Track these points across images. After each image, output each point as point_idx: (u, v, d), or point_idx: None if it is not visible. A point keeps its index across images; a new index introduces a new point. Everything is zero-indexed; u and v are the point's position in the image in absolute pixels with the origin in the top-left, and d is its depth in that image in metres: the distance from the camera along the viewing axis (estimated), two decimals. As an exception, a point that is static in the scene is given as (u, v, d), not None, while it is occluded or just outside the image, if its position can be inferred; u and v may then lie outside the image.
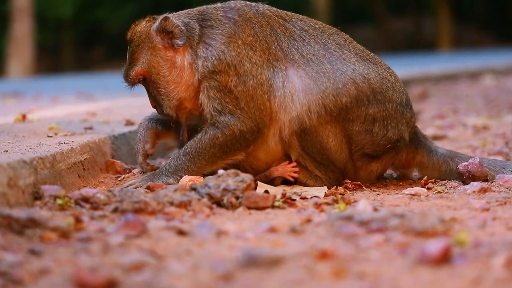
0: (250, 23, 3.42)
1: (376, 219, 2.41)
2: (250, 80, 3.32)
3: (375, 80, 3.38)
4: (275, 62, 3.37)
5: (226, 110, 3.32)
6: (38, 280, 1.92)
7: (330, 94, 3.31)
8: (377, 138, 3.40)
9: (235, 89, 3.32)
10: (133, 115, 5.09)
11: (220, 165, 3.35)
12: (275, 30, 3.44)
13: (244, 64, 3.34)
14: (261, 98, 3.32)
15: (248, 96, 3.32)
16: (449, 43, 29.65)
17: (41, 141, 3.55)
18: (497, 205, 2.85)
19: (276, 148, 3.40)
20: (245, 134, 3.32)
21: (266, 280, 1.89)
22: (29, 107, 6.46)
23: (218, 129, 3.33)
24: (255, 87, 3.32)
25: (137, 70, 3.46)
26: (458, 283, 1.83)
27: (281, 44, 3.41)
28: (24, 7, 22.21)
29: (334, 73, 3.34)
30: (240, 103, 3.32)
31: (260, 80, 3.33)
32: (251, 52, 3.36)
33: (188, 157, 3.35)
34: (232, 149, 3.35)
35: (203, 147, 3.34)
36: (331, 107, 3.31)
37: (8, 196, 2.65)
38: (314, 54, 3.39)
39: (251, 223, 2.64)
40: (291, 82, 3.33)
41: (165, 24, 3.40)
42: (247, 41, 3.38)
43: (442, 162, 3.59)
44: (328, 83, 3.32)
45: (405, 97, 3.48)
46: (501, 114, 7.01)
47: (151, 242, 2.33)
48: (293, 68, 3.36)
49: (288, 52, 3.40)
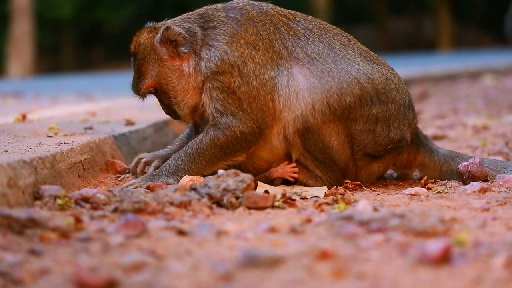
0: (253, 22, 3.42)
1: (376, 219, 2.41)
2: (253, 80, 3.32)
3: (379, 80, 3.38)
4: (279, 60, 3.36)
5: (228, 111, 3.32)
6: (38, 280, 1.92)
7: (334, 93, 3.31)
8: (379, 138, 3.40)
9: (238, 90, 3.32)
10: (133, 115, 5.09)
11: (220, 166, 3.35)
12: (278, 28, 3.43)
13: (248, 64, 3.33)
14: (264, 99, 3.32)
15: (251, 97, 3.31)
16: (449, 43, 29.65)
17: (41, 141, 3.55)
18: (497, 205, 2.85)
19: (279, 147, 3.40)
20: (247, 136, 3.32)
21: (266, 280, 1.89)
22: (29, 107, 6.47)
23: (219, 130, 3.33)
24: (258, 87, 3.32)
25: (147, 83, 3.45)
26: (458, 283, 1.83)
27: (285, 42, 3.40)
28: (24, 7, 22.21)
29: (339, 73, 3.34)
30: (242, 104, 3.31)
31: (263, 80, 3.32)
32: (254, 51, 3.36)
33: (188, 157, 3.35)
34: (233, 151, 3.34)
35: (204, 147, 3.34)
36: (335, 106, 3.31)
37: (8, 196, 2.64)
38: (318, 53, 3.39)
39: (251, 223, 2.64)
40: (296, 80, 3.33)
41: (168, 34, 3.39)
42: (250, 40, 3.37)
43: (443, 162, 3.59)
44: (332, 82, 3.32)
45: (407, 98, 3.49)
46: (501, 114, 7.02)
47: (151, 242, 2.33)
48: (297, 66, 3.35)
49: (292, 51, 3.39)
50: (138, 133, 4.34)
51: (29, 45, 22.57)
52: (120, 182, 3.51)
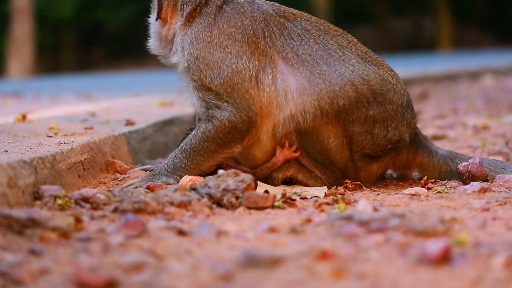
0: (241, 16, 3.37)
1: (376, 219, 2.41)
2: (224, 70, 3.29)
3: (375, 81, 3.36)
4: (262, 57, 3.32)
5: (211, 104, 3.31)
6: (38, 280, 1.92)
7: (325, 95, 3.27)
8: (377, 139, 3.39)
9: (212, 84, 3.30)
10: (133, 115, 5.09)
11: (217, 160, 3.34)
12: (271, 27, 3.38)
13: (214, 53, 3.31)
14: (242, 87, 3.28)
15: (229, 87, 3.28)
16: (449, 43, 29.67)
17: (41, 141, 3.55)
18: (497, 205, 2.85)
19: (270, 146, 3.39)
20: (236, 124, 3.29)
21: (266, 280, 1.89)
22: (29, 107, 6.47)
23: (208, 122, 3.32)
24: (231, 76, 3.28)
25: None
26: (458, 283, 1.83)
27: (274, 41, 3.35)
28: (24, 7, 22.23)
29: (331, 75, 3.30)
30: (222, 97, 3.29)
31: (237, 68, 3.28)
32: (228, 41, 3.31)
33: (184, 154, 3.35)
34: (226, 142, 3.32)
35: (197, 142, 3.33)
36: (327, 109, 3.28)
37: (8, 196, 2.65)
38: (310, 54, 3.34)
39: (251, 223, 2.64)
40: (285, 80, 3.29)
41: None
42: (227, 31, 3.33)
43: (442, 163, 3.58)
44: (323, 84, 3.28)
45: (406, 98, 3.47)
46: (501, 114, 7.01)
47: (151, 242, 2.33)
48: (287, 66, 3.31)
49: (281, 50, 3.34)
50: (138, 133, 4.34)
51: (29, 45, 22.59)
52: (120, 182, 3.51)
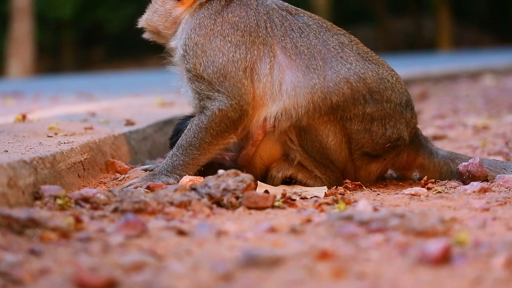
0: (245, 7, 3.38)
1: (376, 219, 2.41)
2: (219, 58, 3.29)
3: (371, 79, 3.35)
4: (262, 45, 3.32)
5: (203, 95, 3.31)
6: (38, 280, 1.92)
7: (318, 90, 3.26)
8: (376, 137, 3.39)
9: (204, 73, 3.30)
10: (133, 115, 5.09)
11: (213, 152, 3.33)
12: (272, 18, 3.38)
13: (214, 41, 3.31)
14: (236, 76, 3.28)
15: (221, 76, 3.28)
16: (449, 43, 29.67)
17: (41, 141, 3.55)
18: (497, 205, 2.85)
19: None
20: (227, 113, 3.28)
21: (266, 280, 1.89)
22: (29, 107, 6.46)
23: (201, 113, 3.32)
24: (226, 64, 3.28)
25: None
26: (458, 283, 1.83)
27: (275, 31, 3.35)
28: (24, 7, 22.23)
29: (326, 71, 3.29)
30: (214, 86, 3.29)
31: (233, 58, 3.29)
32: (229, 30, 3.32)
33: (181, 150, 3.34)
34: (219, 132, 3.30)
35: (192, 135, 3.32)
36: (319, 104, 3.27)
37: (8, 196, 2.64)
38: (308, 48, 3.34)
39: (251, 223, 2.64)
40: (281, 71, 3.29)
41: None
42: (231, 20, 3.34)
43: (443, 164, 3.58)
44: (317, 79, 3.28)
45: (405, 98, 3.46)
46: (501, 114, 7.01)
47: (151, 242, 2.33)
48: (285, 57, 3.31)
49: (281, 40, 3.34)
50: (138, 133, 4.34)
51: (29, 45, 22.59)
52: (120, 182, 3.50)
